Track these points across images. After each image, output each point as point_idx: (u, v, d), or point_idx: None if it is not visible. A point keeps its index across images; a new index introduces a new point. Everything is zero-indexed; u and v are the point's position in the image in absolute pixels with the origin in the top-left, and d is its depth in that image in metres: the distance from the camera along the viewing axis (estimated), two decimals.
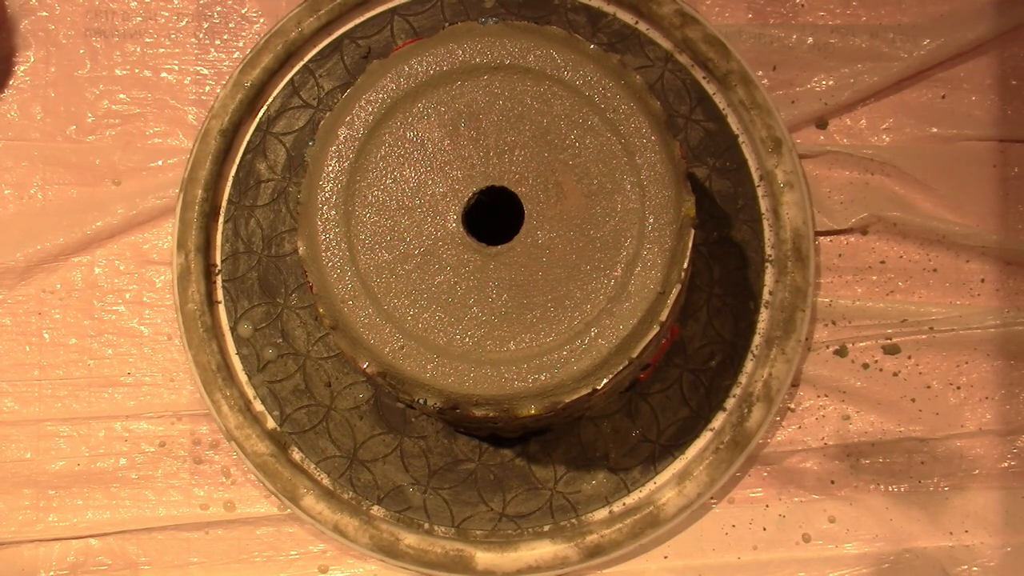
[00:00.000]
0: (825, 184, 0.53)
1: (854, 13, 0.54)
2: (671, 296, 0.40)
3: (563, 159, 0.42)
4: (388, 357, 0.40)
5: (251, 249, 0.51)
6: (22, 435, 0.51)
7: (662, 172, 0.41)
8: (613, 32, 0.51)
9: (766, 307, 0.50)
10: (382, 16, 0.52)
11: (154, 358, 0.52)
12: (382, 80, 0.42)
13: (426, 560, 0.48)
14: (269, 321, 0.50)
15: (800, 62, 0.53)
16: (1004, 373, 0.52)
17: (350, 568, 0.50)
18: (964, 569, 0.50)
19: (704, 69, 0.51)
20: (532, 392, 0.40)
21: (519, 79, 0.42)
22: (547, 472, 0.49)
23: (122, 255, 0.52)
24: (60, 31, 0.53)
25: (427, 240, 0.41)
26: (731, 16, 0.53)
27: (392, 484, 0.49)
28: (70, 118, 0.53)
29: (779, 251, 0.50)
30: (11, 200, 0.52)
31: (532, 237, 0.41)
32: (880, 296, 0.52)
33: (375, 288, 0.41)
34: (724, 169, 0.51)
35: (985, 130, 0.53)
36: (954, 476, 0.51)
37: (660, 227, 0.41)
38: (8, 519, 0.50)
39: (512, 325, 0.41)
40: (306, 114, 0.51)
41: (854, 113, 0.53)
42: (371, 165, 0.42)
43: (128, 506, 0.51)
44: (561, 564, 0.48)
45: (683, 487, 0.48)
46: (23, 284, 0.52)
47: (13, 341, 0.52)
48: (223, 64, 0.53)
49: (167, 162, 0.53)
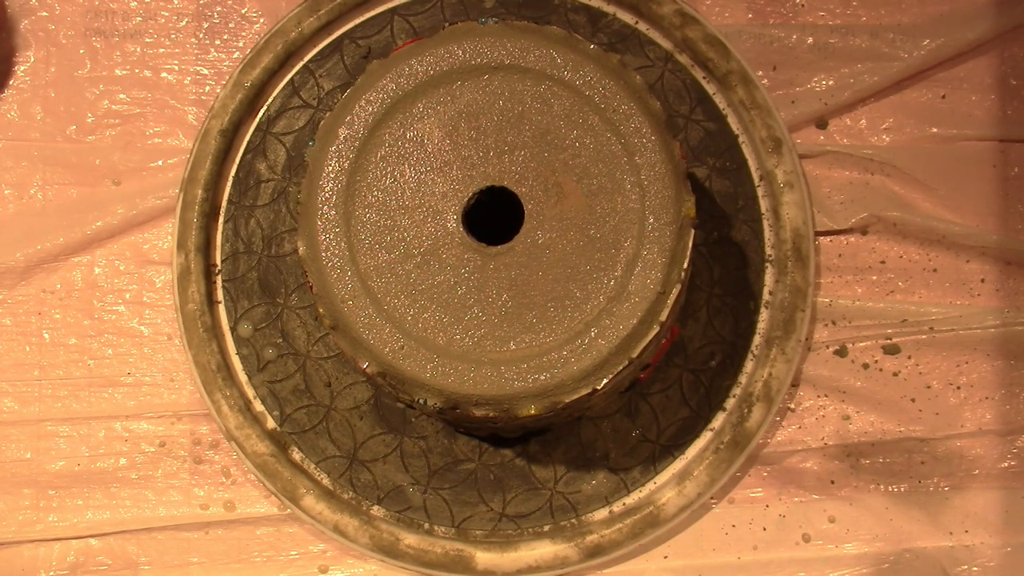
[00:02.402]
0: (825, 184, 0.53)
1: (854, 13, 0.54)
2: (671, 296, 0.40)
3: (563, 159, 0.42)
4: (388, 357, 0.40)
5: (251, 249, 0.51)
6: (22, 435, 0.51)
7: (662, 172, 0.41)
8: (613, 32, 0.51)
9: (766, 307, 0.50)
10: (382, 16, 0.52)
11: (154, 358, 0.52)
12: (382, 80, 0.42)
13: (426, 560, 0.48)
14: (269, 321, 0.50)
15: (800, 62, 0.53)
16: (1004, 373, 0.52)
17: (350, 568, 0.50)
18: (964, 569, 0.50)
19: (704, 69, 0.51)
20: (532, 392, 0.40)
21: (519, 79, 0.42)
22: (547, 472, 0.49)
23: (122, 255, 0.52)
24: (60, 31, 0.53)
25: (427, 240, 0.41)
26: (731, 16, 0.53)
27: (392, 484, 0.49)
28: (70, 118, 0.53)
29: (779, 251, 0.50)
30: (11, 200, 0.52)
31: (532, 237, 0.41)
32: (880, 296, 0.52)
33: (375, 288, 0.41)
34: (724, 169, 0.51)
35: (985, 130, 0.53)
36: (954, 476, 0.51)
37: (660, 227, 0.41)
38: (8, 519, 0.50)
39: (512, 325, 0.41)
40: (306, 114, 0.51)
41: (854, 113, 0.53)
42: (371, 165, 0.42)
43: (128, 506, 0.51)
44: (561, 564, 0.48)
45: (683, 487, 0.48)
46: (23, 284, 0.52)
47: (13, 341, 0.52)
48: (223, 64, 0.53)
49: (167, 162, 0.53)
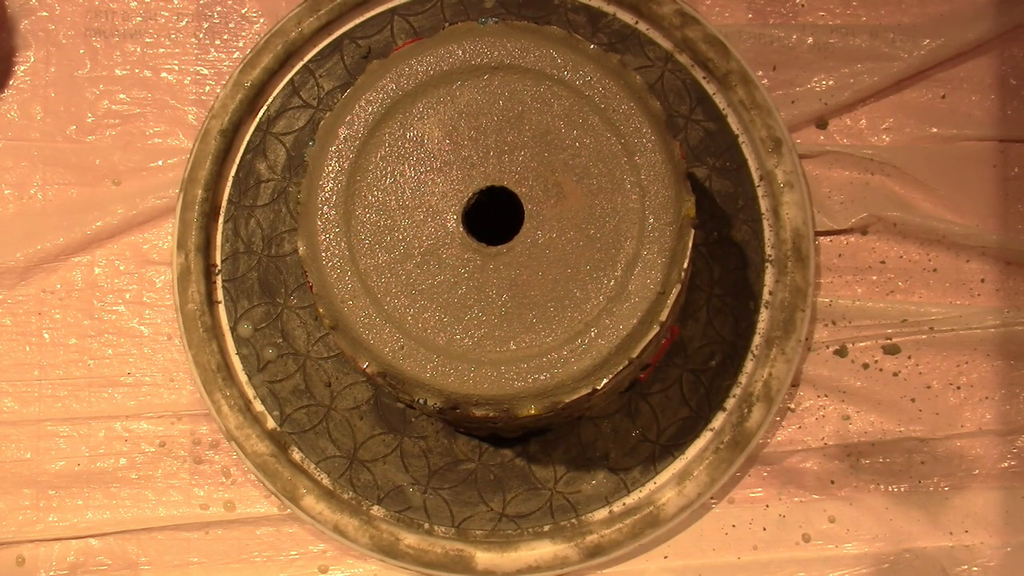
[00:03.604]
0: (825, 184, 0.53)
1: (854, 13, 0.54)
2: (671, 296, 0.40)
3: (563, 159, 0.42)
4: (388, 357, 0.40)
5: (251, 249, 0.51)
6: (22, 435, 0.51)
7: (662, 172, 0.41)
8: (613, 32, 0.51)
9: (766, 307, 0.50)
10: (382, 16, 0.52)
11: (154, 358, 0.52)
12: (382, 80, 0.42)
13: (426, 560, 0.48)
14: (269, 321, 0.50)
15: (800, 62, 0.53)
16: (1004, 373, 0.52)
17: (350, 568, 0.50)
18: (964, 569, 0.50)
19: (704, 69, 0.51)
20: (532, 392, 0.40)
21: (519, 79, 0.42)
22: (547, 472, 0.49)
23: (122, 255, 0.52)
24: (60, 31, 0.53)
25: (427, 240, 0.41)
26: (731, 16, 0.53)
27: (392, 484, 0.49)
28: (70, 118, 0.53)
29: (779, 251, 0.50)
30: (11, 200, 0.52)
31: (532, 237, 0.41)
32: (880, 296, 0.52)
33: (375, 288, 0.41)
34: (724, 169, 0.51)
35: (985, 130, 0.53)
36: (954, 476, 0.51)
37: (660, 227, 0.41)
38: (8, 519, 0.50)
39: (512, 325, 0.41)
40: (306, 114, 0.51)
41: (854, 113, 0.53)
42: (371, 165, 0.42)
43: (128, 506, 0.51)
44: (561, 564, 0.48)
45: (683, 487, 0.48)
46: (23, 284, 0.52)
47: (13, 341, 0.52)
48: (223, 64, 0.53)
49: (167, 162, 0.53)
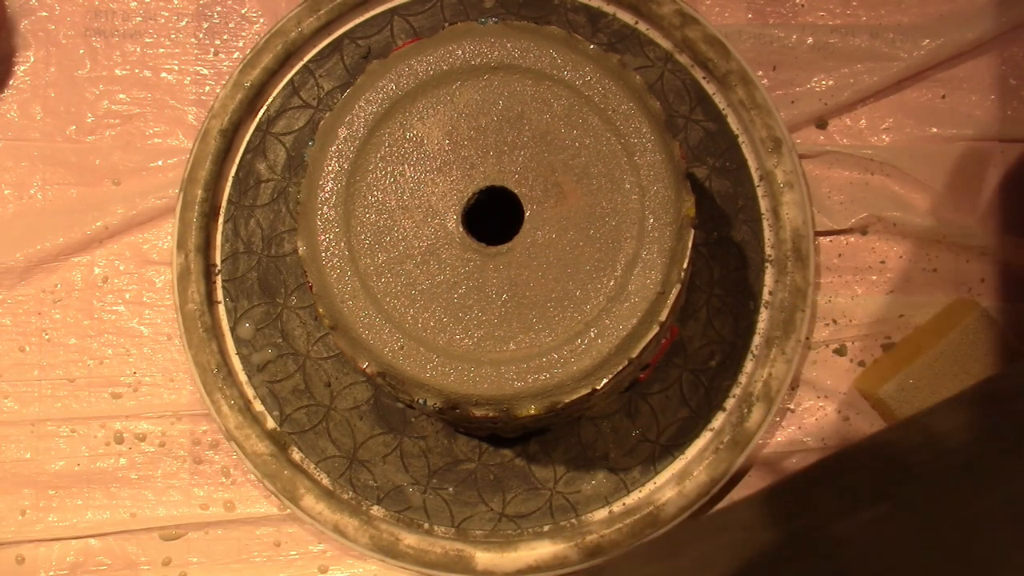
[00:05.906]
0: (825, 184, 0.53)
1: (854, 13, 0.54)
2: (671, 296, 0.40)
3: (563, 159, 0.42)
4: (388, 357, 0.40)
5: (251, 249, 0.51)
6: (22, 435, 0.51)
7: (662, 172, 0.41)
8: (613, 32, 0.51)
9: (766, 307, 0.50)
10: (382, 16, 0.52)
11: (154, 358, 0.52)
12: (382, 80, 0.42)
13: (426, 560, 0.48)
14: (269, 321, 0.50)
15: (800, 62, 0.53)
16: None
17: (350, 568, 0.50)
18: None
19: (704, 69, 0.51)
20: (532, 392, 0.40)
21: (519, 79, 0.42)
22: (547, 472, 0.49)
23: (122, 255, 0.52)
24: (60, 31, 0.53)
25: (427, 240, 0.41)
26: (731, 16, 0.53)
27: (392, 484, 0.49)
28: (70, 118, 0.53)
29: (779, 251, 0.50)
30: (11, 200, 0.52)
31: (532, 237, 0.41)
32: (880, 296, 0.52)
33: (375, 288, 0.41)
34: (724, 169, 0.51)
35: (985, 130, 0.53)
36: None
37: (660, 227, 0.41)
38: (8, 519, 0.50)
39: (512, 325, 0.41)
40: (306, 114, 0.51)
41: (854, 113, 0.53)
42: (371, 165, 0.42)
43: (128, 506, 0.51)
44: (561, 564, 0.48)
45: (683, 487, 0.48)
46: (23, 284, 0.52)
47: (13, 341, 0.52)
48: (223, 64, 0.53)
49: (167, 162, 0.53)
